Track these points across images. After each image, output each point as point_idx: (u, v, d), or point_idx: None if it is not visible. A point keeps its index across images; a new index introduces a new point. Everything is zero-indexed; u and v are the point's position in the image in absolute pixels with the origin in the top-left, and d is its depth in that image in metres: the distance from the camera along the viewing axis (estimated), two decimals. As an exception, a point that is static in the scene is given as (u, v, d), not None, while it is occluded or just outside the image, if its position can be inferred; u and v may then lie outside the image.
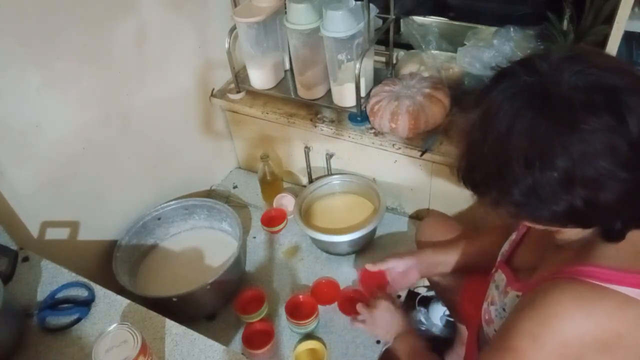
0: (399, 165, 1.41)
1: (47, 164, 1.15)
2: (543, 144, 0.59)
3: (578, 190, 0.60)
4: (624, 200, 0.61)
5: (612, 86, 0.59)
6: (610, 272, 0.65)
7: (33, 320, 0.98)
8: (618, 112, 0.57)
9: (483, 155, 0.65)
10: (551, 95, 0.59)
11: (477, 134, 0.65)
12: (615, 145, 0.58)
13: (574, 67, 0.60)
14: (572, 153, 0.58)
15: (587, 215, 0.63)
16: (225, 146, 1.74)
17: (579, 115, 0.58)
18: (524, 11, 1.41)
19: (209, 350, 0.91)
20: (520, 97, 0.61)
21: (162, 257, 1.44)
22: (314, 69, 1.39)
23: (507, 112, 0.61)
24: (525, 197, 0.62)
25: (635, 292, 0.63)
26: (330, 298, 1.31)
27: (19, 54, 1.01)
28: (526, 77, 0.62)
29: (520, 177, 0.61)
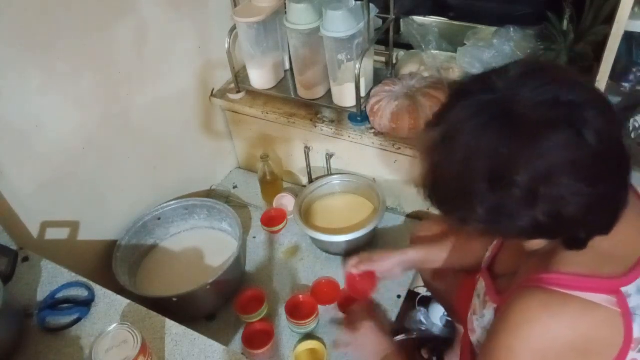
0: (399, 165, 1.41)
1: (47, 164, 1.15)
2: (504, 162, 0.59)
3: (541, 206, 0.60)
4: (587, 212, 0.61)
5: (569, 101, 0.59)
6: (572, 278, 0.65)
7: (33, 320, 0.98)
8: (576, 127, 0.57)
9: (446, 176, 0.65)
10: (510, 113, 0.59)
11: (439, 154, 0.65)
12: (575, 160, 0.58)
13: (532, 83, 0.60)
14: (533, 170, 0.58)
15: (553, 229, 0.64)
16: (225, 146, 1.74)
17: (538, 131, 0.58)
18: (524, 11, 1.41)
19: (209, 350, 0.91)
20: (480, 115, 0.61)
21: (162, 257, 1.44)
22: (314, 69, 1.39)
23: (467, 132, 0.61)
24: (490, 215, 0.63)
25: (596, 297, 0.63)
26: (330, 298, 1.31)
27: (19, 54, 1.01)
28: (483, 95, 0.61)
29: (484, 196, 0.61)
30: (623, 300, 0.63)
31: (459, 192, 0.64)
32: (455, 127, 0.62)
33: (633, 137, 1.18)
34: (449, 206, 0.68)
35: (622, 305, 0.63)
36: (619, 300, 0.63)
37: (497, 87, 0.61)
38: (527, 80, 0.61)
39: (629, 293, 0.64)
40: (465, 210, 0.65)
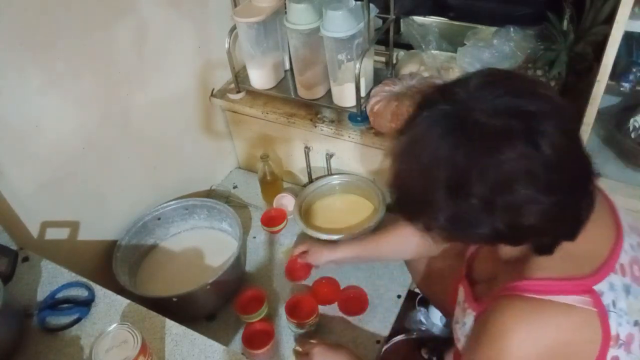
0: (399, 165, 1.41)
1: (47, 164, 1.15)
2: (461, 172, 0.60)
3: (500, 215, 0.61)
4: (546, 221, 0.62)
5: (527, 112, 0.59)
6: (544, 283, 0.66)
7: (33, 320, 0.98)
8: (532, 138, 0.58)
9: (409, 183, 0.66)
10: (467, 123, 0.60)
11: (403, 162, 0.67)
12: (532, 170, 0.58)
13: (491, 93, 0.61)
14: (489, 180, 0.59)
15: (514, 237, 0.65)
16: (225, 146, 1.74)
17: (495, 142, 0.59)
18: (524, 11, 1.41)
19: (209, 350, 0.91)
20: (439, 126, 0.62)
21: (162, 257, 1.44)
22: (314, 69, 1.39)
23: (427, 142, 0.62)
24: (451, 223, 0.64)
25: (570, 299, 0.64)
26: (330, 298, 1.31)
27: (19, 54, 1.01)
28: (444, 105, 0.62)
29: (444, 205, 0.62)
30: (597, 299, 0.64)
31: (421, 200, 0.65)
32: (417, 137, 0.64)
33: (633, 137, 1.18)
34: (413, 213, 0.69)
35: (597, 304, 0.64)
36: (593, 300, 0.64)
37: (457, 97, 0.62)
38: (486, 90, 0.61)
39: (602, 290, 0.65)
40: (427, 217, 0.66)
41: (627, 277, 0.68)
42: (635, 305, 0.67)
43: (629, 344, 0.66)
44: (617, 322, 0.65)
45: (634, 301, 0.67)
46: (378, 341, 1.22)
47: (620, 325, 0.65)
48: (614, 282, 0.66)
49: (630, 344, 0.67)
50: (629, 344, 0.66)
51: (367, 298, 1.31)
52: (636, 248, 0.72)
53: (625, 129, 1.20)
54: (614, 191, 1.15)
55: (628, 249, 0.70)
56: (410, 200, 0.68)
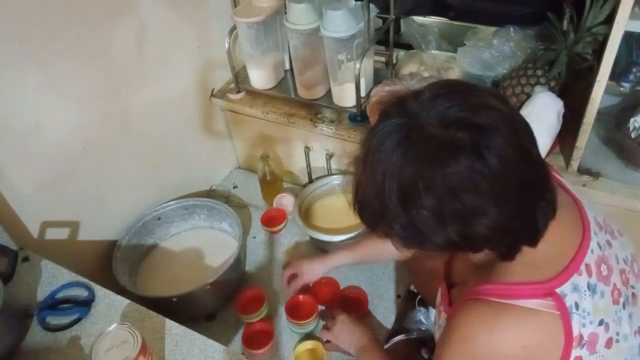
0: (399, 165, 1.41)
1: (47, 164, 1.15)
2: (410, 183, 0.61)
3: (451, 225, 0.62)
4: (498, 230, 0.62)
5: (474, 124, 0.60)
6: (507, 287, 0.66)
7: (33, 320, 0.98)
8: (478, 150, 0.58)
9: (366, 193, 0.68)
10: (415, 136, 0.61)
11: (361, 172, 0.69)
12: (477, 182, 0.59)
13: (440, 106, 0.61)
14: (437, 191, 0.60)
15: (468, 245, 0.66)
16: (225, 146, 1.74)
17: (440, 154, 0.59)
18: (524, 11, 1.41)
19: (209, 350, 0.91)
20: (390, 138, 0.63)
21: (162, 257, 1.44)
22: (314, 69, 1.39)
23: (381, 154, 0.64)
24: (406, 232, 0.65)
25: (531, 303, 0.64)
26: (330, 298, 1.31)
27: (19, 54, 1.01)
28: (397, 118, 0.64)
29: (397, 215, 0.64)
30: (560, 301, 0.64)
31: (377, 209, 0.67)
32: (372, 148, 0.65)
33: (633, 137, 1.18)
34: (371, 221, 0.71)
35: (560, 307, 0.64)
36: (555, 302, 0.64)
37: (409, 110, 0.64)
38: (436, 102, 0.62)
39: (564, 292, 0.65)
40: (384, 226, 0.68)
41: (593, 277, 0.68)
42: (601, 304, 0.68)
43: (593, 344, 0.67)
44: (580, 324, 0.65)
45: (600, 300, 0.68)
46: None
47: (583, 326, 0.66)
48: (577, 284, 0.66)
49: (595, 343, 0.67)
50: (593, 344, 0.67)
51: (367, 298, 1.31)
52: (605, 247, 0.72)
53: (625, 129, 1.20)
54: (614, 191, 1.16)
55: (595, 248, 0.70)
56: (368, 209, 0.70)
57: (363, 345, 1.09)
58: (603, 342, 0.68)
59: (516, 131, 0.61)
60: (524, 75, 1.25)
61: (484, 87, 0.69)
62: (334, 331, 1.15)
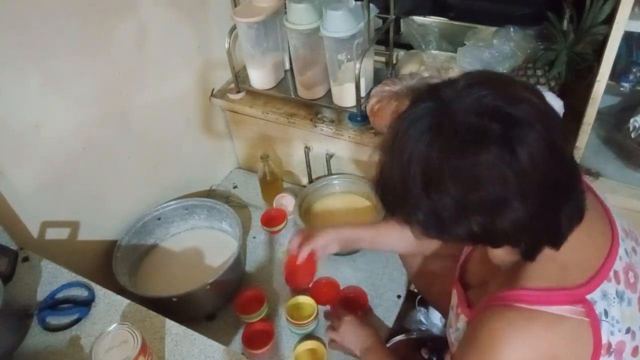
0: (399, 165, 1.41)
1: (47, 164, 1.15)
2: (436, 170, 0.60)
3: (473, 217, 0.61)
4: (521, 227, 0.61)
5: (508, 116, 0.58)
6: (536, 293, 0.65)
7: (33, 320, 0.98)
8: (510, 143, 0.57)
9: (390, 178, 0.67)
10: (445, 122, 0.60)
11: (386, 156, 0.67)
12: (505, 176, 0.58)
13: (475, 94, 0.60)
14: (462, 180, 0.59)
15: (489, 239, 0.64)
16: (225, 146, 1.74)
17: (470, 143, 0.58)
18: (524, 11, 1.41)
19: (209, 350, 0.91)
20: (421, 122, 0.62)
21: (162, 257, 1.44)
22: (314, 69, 1.39)
23: (409, 138, 0.62)
24: (428, 220, 0.64)
25: (562, 309, 0.63)
26: (330, 298, 1.31)
27: (19, 54, 1.01)
28: (429, 102, 0.63)
29: (420, 201, 0.63)
30: (590, 308, 0.63)
31: (400, 194, 0.65)
32: (400, 132, 0.64)
33: (633, 137, 1.18)
34: (393, 206, 0.70)
35: (589, 314, 0.63)
36: (585, 309, 0.63)
37: (442, 95, 0.62)
38: (472, 90, 0.61)
39: (594, 300, 0.64)
40: (406, 211, 0.66)
41: (621, 284, 0.67)
42: (628, 312, 0.67)
43: (620, 352, 0.66)
44: (608, 331, 0.64)
45: (627, 308, 0.67)
46: (378, 341, 1.22)
47: (612, 334, 0.65)
48: (607, 291, 0.65)
49: (622, 351, 0.66)
50: (620, 352, 0.66)
51: (367, 298, 1.31)
52: (631, 254, 0.71)
53: (625, 129, 1.20)
54: (614, 191, 1.16)
55: (623, 255, 0.69)
56: (390, 193, 0.68)
57: (368, 347, 1.08)
58: (630, 350, 0.67)
59: (550, 128, 0.60)
60: (524, 75, 1.25)
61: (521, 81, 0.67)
62: (340, 332, 1.14)
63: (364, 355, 1.08)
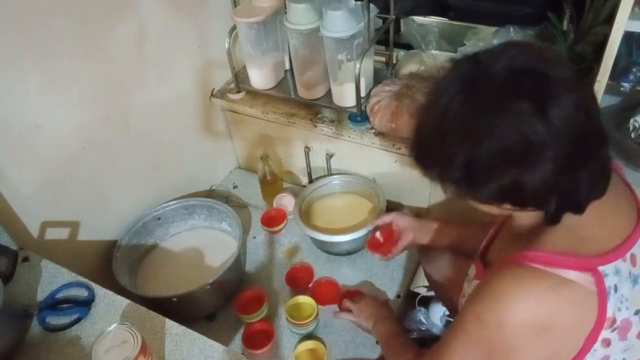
0: (399, 165, 1.41)
1: (47, 164, 1.15)
2: (471, 124, 0.63)
3: (505, 171, 0.63)
4: (550, 185, 0.63)
5: (544, 74, 0.61)
6: (549, 255, 0.67)
7: (33, 320, 0.98)
8: (543, 100, 0.59)
9: (427, 134, 0.70)
10: (482, 78, 0.63)
11: (424, 113, 0.70)
12: (537, 128, 0.60)
13: (512, 52, 0.63)
14: (496, 134, 0.61)
15: (518, 196, 0.66)
16: (225, 146, 1.74)
17: (504, 97, 0.61)
18: (524, 11, 1.41)
19: (209, 350, 0.91)
20: (459, 80, 0.65)
21: (162, 257, 1.44)
22: (314, 69, 1.39)
23: (445, 94, 0.65)
24: (461, 174, 0.66)
25: (570, 274, 0.65)
26: (330, 298, 1.31)
27: (19, 54, 1.01)
28: (466, 64, 0.66)
29: (455, 155, 0.65)
30: (599, 279, 0.65)
31: (435, 150, 0.68)
32: (438, 90, 0.67)
33: (633, 137, 1.18)
34: (428, 162, 0.72)
35: (598, 284, 0.65)
36: (595, 279, 0.65)
37: (479, 57, 0.65)
38: (510, 51, 0.64)
39: (606, 272, 0.65)
40: (442, 168, 0.69)
41: (637, 268, 0.68)
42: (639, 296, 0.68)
43: (625, 331, 0.67)
44: (615, 307, 0.65)
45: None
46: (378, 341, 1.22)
47: (619, 310, 0.66)
48: (620, 269, 0.66)
49: (627, 331, 0.67)
50: (625, 331, 0.67)
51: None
52: None
53: (625, 129, 1.20)
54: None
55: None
56: (426, 150, 0.71)
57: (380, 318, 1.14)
58: (635, 332, 0.68)
59: (581, 89, 0.62)
60: (524, 75, 1.25)
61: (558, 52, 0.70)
62: (360, 304, 1.19)
63: (376, 324, 1.13)
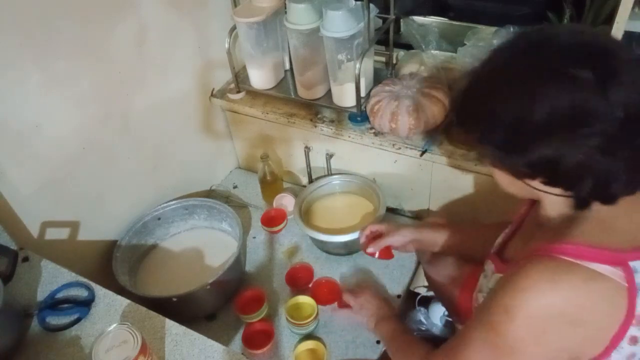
0: (399, 165, 1.41)
1: (47, 164, 1.15)
2: (526, 83, 0.62)
3: (551, 137, 0.62)
4: (588, 164, 0.63)
5: (612, 50, 0.60)
6: (580, 248, 0.66)
7: (33, 320, 0.98)
8: (606, 73, 0.59)
9: (476, 92, 0.70)
10: (546, 45, 0.62)
11: (476, 74, 0.70)
12: (593, 102, 0.59)
13: (579, 28, 0.64)
14: (551, 98, 0.60)
15: (555, 170, 0.65)
16: (225, 146, 1.74)
17: (567, 62, 0.60)
18: (524, 11, 1.41)
19: (209, 350, 0.91)
20: (518, 43, 0.65)
21: (162, 257, 1.44)
22: (314, 69, 1.39)
23: (503, 57, 0.65)
24: (504, 137, 0.66)
25: (601, 268, 0.64)
26: (330, 298, 1.31)
27: (19, 54, 1.01)
28: (534, 31, 0.65)
29: (502, 115, 0.64)
30: (630, 274, 0.64)
31: (482, 111, 0.67)
32: (497, 52, 0.67)
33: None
34: (472, 124, 0.71)
35: (629, 279, 0.64)
36: (625, 274, 0.64)
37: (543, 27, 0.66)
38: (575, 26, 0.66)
39: (637, 268, 0.65)
40: (485, 130, 0.68)
41: None
42: None
43: None
44: None
45: None
46: (378, 341, 1.22)
47: None
48: None
49: None
50: None
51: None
52: None
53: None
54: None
55: None
56: (472, 110, 0.70)
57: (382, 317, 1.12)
58: None
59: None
60: (524, 75, 1.25)
61: None
62: (361, 299, 1.16)
63: (378, 324, 1.11)
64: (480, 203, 1.34)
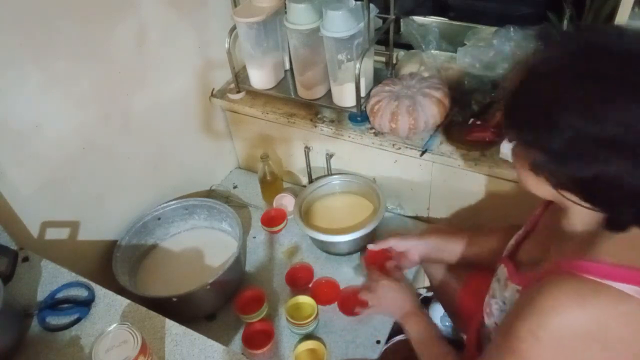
0: (399, 165, 1.41)
1: (47, 164, 1.15)
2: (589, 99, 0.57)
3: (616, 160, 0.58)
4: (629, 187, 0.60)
5: None
6: (607, 267, 0.64)
7: (33, 320, 0.98)
8: None
9: (536, 95, 0.63)
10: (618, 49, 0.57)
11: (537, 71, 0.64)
12: None
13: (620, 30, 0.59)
14: (627, 119, 0.56)
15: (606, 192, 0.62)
16: (225, 146, 1.74)
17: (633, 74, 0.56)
18: (524, 11, 1.41)
19: (209, 350, 0.91)
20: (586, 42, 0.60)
21: (162, 257, 1.44)
22: (314, 69, 1.39)
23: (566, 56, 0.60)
24: (560, 148, 0.60)
25: (629, 288, 0.62)
26: (330, 298, 1.31)
27: (19, 54, 1.01)
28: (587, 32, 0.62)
29: (566, 126, 0.59)
30: None
31: (540, 118, 0.62)
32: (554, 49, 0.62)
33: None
34: (525, 125, 0.65)
35: None
36: None
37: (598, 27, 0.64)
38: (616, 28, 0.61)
39: None
40: (538, 134, 0.63)
41: None
42: None
43: None
44: None
45: None
46: (378, 341, 1.22)
47: None
48: None
49: None
50: None
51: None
52: None
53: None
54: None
55: None
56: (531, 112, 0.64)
57: (407, 311, 1.07)
58: None
59: None
60: (524, 75, 1.25)
61: None
62: (379, 294, 1.12)
63: (406, 319, 1.06)
64: (481, 203, 1.35)
